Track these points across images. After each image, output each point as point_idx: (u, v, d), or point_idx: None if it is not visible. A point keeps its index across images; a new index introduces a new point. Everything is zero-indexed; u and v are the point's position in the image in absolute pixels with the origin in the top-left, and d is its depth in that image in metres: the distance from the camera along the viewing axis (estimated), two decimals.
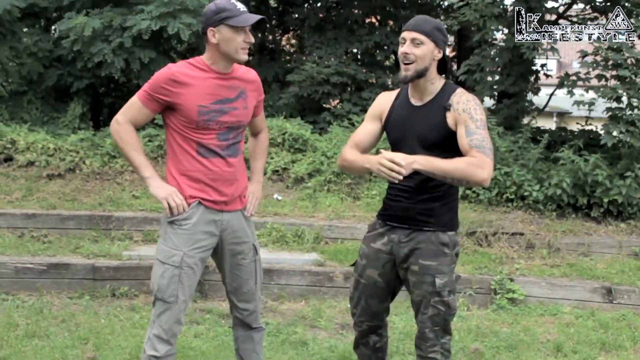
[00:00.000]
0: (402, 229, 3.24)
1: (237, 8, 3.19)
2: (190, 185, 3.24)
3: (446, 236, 3.18)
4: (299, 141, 8.53)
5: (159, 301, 3.24)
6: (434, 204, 3.17)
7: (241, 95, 3.31)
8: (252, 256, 3.45)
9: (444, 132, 3.10)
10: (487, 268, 6.35)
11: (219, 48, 3.19)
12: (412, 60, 3.09)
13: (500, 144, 7.94)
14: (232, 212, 3.34)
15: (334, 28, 11.48)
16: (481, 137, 2.99)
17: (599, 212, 7.42)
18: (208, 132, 3.21)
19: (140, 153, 3.27)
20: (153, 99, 3.20)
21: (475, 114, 3.04)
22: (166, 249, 3.24)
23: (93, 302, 5.63)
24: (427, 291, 3.17)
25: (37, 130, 8.65)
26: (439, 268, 3.15)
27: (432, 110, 3.15)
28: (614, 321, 5.63)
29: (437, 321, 3.19)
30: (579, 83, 8.84)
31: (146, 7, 8.86)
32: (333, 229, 6.91)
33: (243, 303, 3.49)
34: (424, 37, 3.08)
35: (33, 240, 6.54)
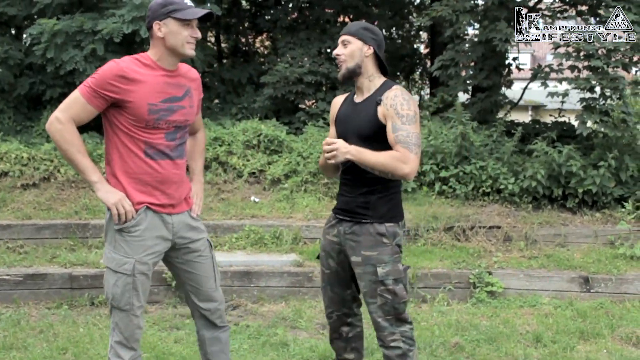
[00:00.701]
0: (345, 221, 3.42)
1: (184, 2, 3.13)
2: (138, 189, 3.13)
3: (383, 227, 3.32)
4: (275, 142, 8.52)
5: (115, 309, 3.17)
6: (372, 197, 3.34)
7: (187, 93, 3.24)
8: (209, 252, 3.39)
9: (375, 126, 3.28)
10: (466, 262, 6.38)
11: (165, 42, 3.11)
12: (343, 60, 3.33)
13: (475, 138, 7.99)
14: (179, 214, 3.28)
15: (307, 28, 11.48)
16: (406, 133, 3.19)
17: (574, 203, 7.49)
18: (157, 131, 3.12)
19: (85, 155, 3.07)
20: (99, 95, 3.03)
21: (401, 109, 3.22)
22: (117, 257, 3.13)
23: (71, 311, 5.59)
24: (371, 281, 3.31)
25: (10, 140, 8.56)
26: (379, 257, 3.29)
27: (368, 106, 3.34)
28: (592, 310, 5.69)
29: (387, 310, 3.30)
30: (552, 75, 8.92)
31: (117, 11, 8.80)
32: (311, 229, 6.91)
33: (206, 302, 3.40)
34: (350, 37, 3.33)
35: (9, 252, 6.47)
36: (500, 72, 10.13)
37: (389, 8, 12.97)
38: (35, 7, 9.46)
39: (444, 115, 9.03)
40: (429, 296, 5.99)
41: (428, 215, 7.09)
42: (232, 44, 13.20)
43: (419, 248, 6.74)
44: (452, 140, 7.86)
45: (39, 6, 9.38)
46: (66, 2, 9.42)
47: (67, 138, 3.04)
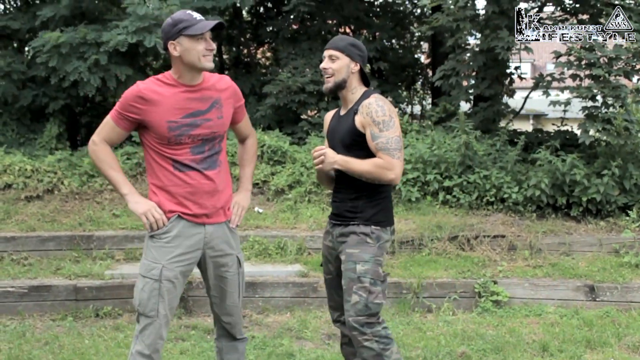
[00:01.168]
0: (337, 225, 3.58)
1: (193, 17, 3.20)
2: (169, 199, 3.25)
3: (368, 228, 3.45)
4: (278, 153, 8.53)
5: (142, 316, 3.24)
6: (359, 202, 3.49)
7: (214, 105, 3.30)
8: (236, 269, 3.44)
9: (355, 134, 3.43)
10: (470, 272, 6.37)
11: (182, 60, 3.20)
12: (331, 74, 3.47)
13: (478, 148, 7.99)
14: (215, 224, 3.33)
15: (308, 39, 11.50)
16: (385, 140, 3.35)
17: (578, 211, 7.48)
18: (181, 147, 3.21)
19: (117, 171, 3.29)
20: (124, 117, 3.22)
21: (376, 116, 3.36)
22: (146, 262, 3.25)
23: (76, 323, 5.58)
24: (350, 278, 3.39)
25: (13, 152, 8.59)
26: (360, 255, 3.41)
27: (348, 117, 3.50)
28: (598, 318, 5.67)
29: (359, 309, 3.35)
30: (554, 84, 8.93)
31: (121, 22, 8.84)
32: (315, 239, 6.90)
33: (226, 316, 3.50)
34: (338, 52, 3.46)
35: (13, 264, 6.49)
36: (502, 81, 10.14)
37: (389, 19, 13.01)
38: (37, 20, 9.49)
39: (447, 125, 9.04)
40: (434, 306, 5.98)
41: (432, 225, 7.08)
42: (234, 55, 13.23)
43: (424, 258, 6.73)
44: (456, 150, 7.86)
45: (42, 19, 9.41)
46: (69, 15, 9.46)
47: (100, 157, 3.28)
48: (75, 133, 10.93)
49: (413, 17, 14.02)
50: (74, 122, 10.92)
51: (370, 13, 12.54)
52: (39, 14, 9.53)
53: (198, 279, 5.56)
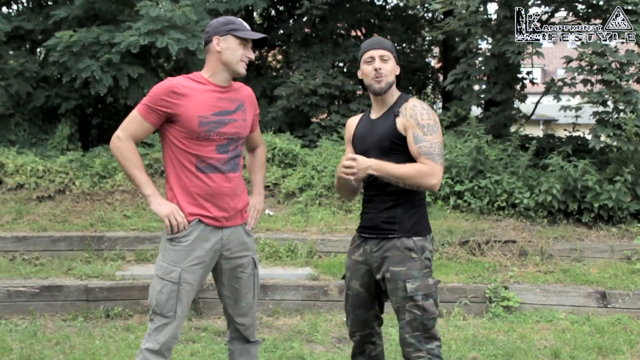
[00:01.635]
0: (371, 239, 3.37)
1: (243, 25, 3.31)
2: (190, 202, 3.26)
3: (411, 241, 3.27)
4: (289, 156, 8.54)
5: (157, 316, 3.25)
6: (397, 212, 3.30)
7: (240, 107, 3.36)
8: (252, 270, 3.46)
9: (395, 137, 3.28)
10: (481, 277, 6.36)
11: (221, 57, 3.27)
12: (385, 75, 3.32)
13: (490, 153, 7.97)
14: (233, 227, 3.36)
15: (320, 42, 11.53)
16: (429, 144, 3.20)
17: (589, 217, 7.45)
18: (208, 143, 3.23)
19: (141, 170, 3.26)
20: (153, 110, 3.21)
21: (421, 119, 3.24)
22: (165, 265, 3.25)
23: (87, 323, 5.59)
24: (401, 297, 3.25)
25: (25, 153, 8.63)
26: (408, 273, 3.24)
27: (386, 119, 3.35)
28: (610, 325, 5.64)
29: (415, 326, 3.24)
30: (564, 89, 8.90)
31: (134, 24, 8.88)
32: (326, 242, 6.91)
33: (241, 317, 3.50)
34: (389, 53, 3.36)
35: (24, 263, 6.51)
36: (514, 86, 10.13)
37: (401, 23, 13.02)
38: (51, 20, 9.54)
39: (458, 129, 9.02)
40: (444, 310, 5.96)
41: (443, 229, 7.07)
42: None
43: (435, 262, 6.65)
44: (467, 154, 7.85)
45: (55, 19, 9.47)
46: (82, 16, 9.51)
47: (124, 154, 3.23)
48: (86, 134, 10.99)
49: (424, 22, 14.03)
50: (85, 123, 10.98)
51: (381, 17, 12.56)
52: (52, 14, 9.59)
53: (209, 281, 5.55)
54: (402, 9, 13.55)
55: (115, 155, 3.27)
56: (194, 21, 9.05)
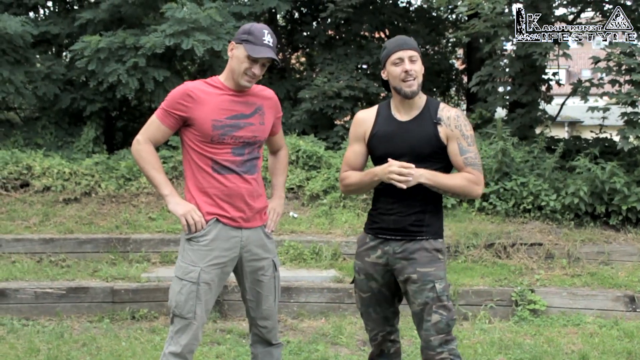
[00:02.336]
0: (395, 240, 3.33)
1: (261, 39, 3.24)
2: (207, 202, 3.27)
3: (438, 243, 3.32)
4: (313, 158, 8.53)
5: (177, 318, 3.26)
6: (425, 215, 3.31)
7: (257, 111, 3.36)
8: (272, 272, 3.46)
9: (436, 146, 3.26)
10: (507, 280, 6.30)
11: (230, 62, 3.29)
12: (416, 76, 3.25)
13: (515, 155, 7.90)
14: (251, 228, 3.36)
15: (344, 44, 11.51)
16: (474, 155, 3.27)
17: (617, 220, 7.35)
18: (223, 146, 3.25)
19: (159, 171, 3.30)
20: (170, 114, 3.26)
21: (466, 130, 3.27)
22: (184, 265, 3.27)
23: (113, 325, 5.62)
24: (429, 297, 3.24)
25: (52, 155, 8.71)
26: (436, 274, 3.26)
27: (422, 124, 3.28)
28: (639, 330, 5.56)
29: (441, 327, 3.24)
30: (591, 90, 8.80)
31: (159, 27, 8.93)
32: (350, 245, 6.88)
33: (262, 320, 3.50)
34: (417, 53, 3.29)
35: (51, 265, 6.57)
36: (539, 87, 10.04)
37: (425, 24, 12.97)
38: (77, 22, 9.63)
39: (483, 131, 8.96)
40: (470, 314, 5.92)
41: (468, 232, 7.02)
42: None
43: (460, 265, 6.67)
44: (492, 157, 7.78)
45: (81, 21, 9.55)
46: (108, 19, 9.58)
47: (143, 156, 3.29)
48: (111, 137, 11.07)
49: (448, 23, 13.96)
50: (110, 125, 11.07)
51: (406, 19, 12.51)
52: (78, 16, 9.67)
53: (233, 283, 5.57)
54: (426, 11, 13.49)
55: (134, 158, 3.34)
56: (219, 23, 9.08)
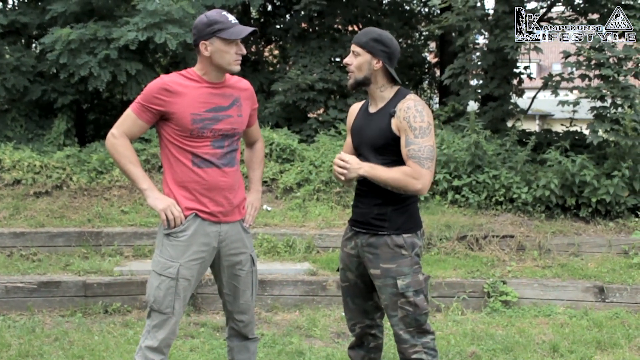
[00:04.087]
0: (362, 233, 3.36)
1: (228, 20, 3.20)
2: (186, 196, 3.24)
3: (401, 238, 3.26)
4: (287, 151, 8.52)
5: (155, 312, 3.24)
6: (387, 209, 3.28)
7: (235, 103, 3.32)
8: (250, 267, 3.45)
9: (389, 138, 3.22)
10: (480, 271, 6.36)
11: (212, 60, 3.21)
12: (351, 71, 3.28)
13: (488, 147, 7.98)
14: (230, 223, 3.34)
15: (317, 37, 11.50)
16: (417, 147, 3.13)
17: (587, 212, 7.47)
18: (202, 140, 3.21)
19: (137, 165, 3.24)
20: (147, 109, 3.19)
21: (414, 122, 3.15)
22: (162, 260, 3.24)
23: (85, 319, 5.58)
24: (391, 293, 3.25)
25: (22, 148, 8.60)
26: (398, 270, 3.23)
27: (381, 117, 3.27)
28: (608, 320, 5.66)
29: (408, 322, 3.24)
30: (562, 84, 8.91)
31: (131, 19, 8.84)
32: (324, 237, 6.90)
33: (239, 314, 3.49)
34: (359, 48, 3.25)
35: (22, 259, 6.50)
36: (511, 81, 10.13)
37: (398, 18, 13.00)
38: (48, 15, 9.51)
39: (456, 124, 9.03)
40: (443, 305, 5.97)
41: (441, 224, 7.08)
42: None
43: (433, 257, 6.72)
44: (465, 149, 7.85)
45: (52, 14, 9.42)
46: (79, 11, 9.46)
47: (119, 150, 3.22)
48: (82, 129, 10.95)
49: (421, 17, 14.02)
50: (81, 118, 10.94)
51: (378, 12, 12.52)
52: (49, 9, 9.55)
53: (207, 277, 5.56)
54: (399, 4, 13.52)
55: (110, 153, 3.27)
56: (192, 15, 9.02)
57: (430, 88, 15.65)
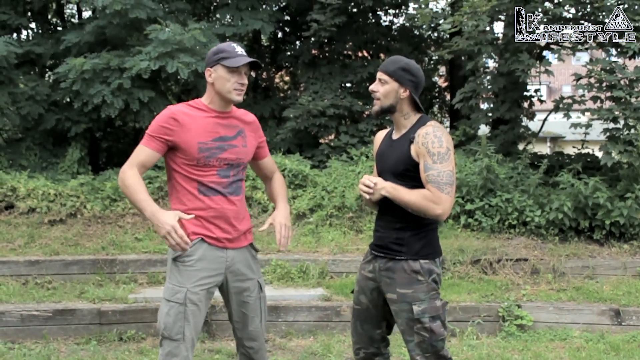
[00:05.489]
0: (380, 257, 3.37)
1: (234, 50, 3.32)
2: (193, 222, 3.27)
3: (417, 264, 3.26)
4: (299, 177, 8.56)
5: (166, 340, 3.25)
6: (406, 234, 3.29)
7: (240, 134, 3.40)
8: (257, 293, 3.46)
9: (408, 163, 3.26)
10: (494, 295, 6.34)
11: (215, 87, 3.33)
12: (378, 98, 3.34)
13: (500, 171, 7.98)
14: (237, 249, 3.37)
15: (328, 63, 11.58)
16: (437, 172, 3.16)
17: (601, 235, 7.43)
18: (208, 169, 3.28)
19: (142, 193, 3.19)
20: (156, 139, 3.26)
21: (432, 147, 3.19)
22: (170, 286, 3.27)
23: (100, 347, 5.59)
24: (407, 318, 3.25)
25: (36, 177, 8.68)
26: (414, 295, 3.23)
27: (403, 143, 3.33)
28: (625, 343, 5.61)
29: (425, 347, 3.24)
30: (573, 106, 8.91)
31: (144, 48, 8.95)
32: (337, 263, 6.90)
33: (249, 341, 3.50)
34: (387, 76, 3.31)
35: (37, 287, 6.53)
36: (521, 104, 10.14)
37: (407, 43, 13.08)
38: (62, 45, 9.64)
39: (467, 148, 9.04)
40: (458, 330, 5.94)
41: (454, 249, 7.06)
42: (252, 79, 13.34)
43: (446, 281, 6.69)
44: (477, 173, 7.85)
45: (66, 44, 9.56)
46: (92, 41, 9.60)
47: (127, 183, 3.22)
48: (96, 157, 11.05)
49: (430, 41, 14.09)
50: (94, 146, 11.05)
51: (388, 37, 12.60)
52: (63, 39, 9.69)
53: (221, 303, 5.52)
54: (409, 29, 13.60)
55: (120, 186, 3.27)
56: (203, 44, 9.12)
57: (441, 112, 15.69)
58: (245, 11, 10.72)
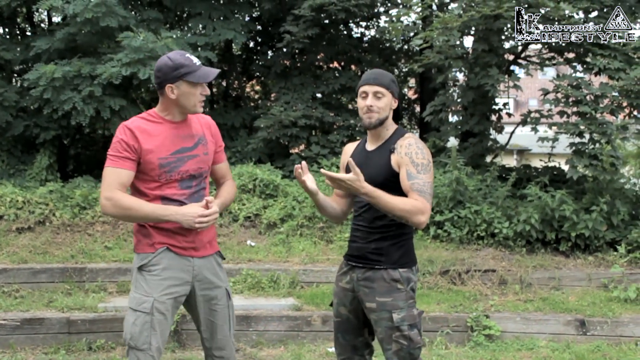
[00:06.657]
0: (358, 267, 3.41)
1: (193, 63, 3.25)
2: (159, 232, 3.25)
3: (397, 272, 3.32)
4: (270, 187, 8.58)
5: (133, 350, 3.22)
6: (384, 244, 3.35)
7: (200, 142, 3.36)
8: (226, 301, 3.46)
9: (388, 174, 3.31)
10: (462, 306, 6.41)
11: (177, 102, 3.26)
12: (376, 112, 3.36)
13: (469, 183, 8.08)
14: (203, 257, 3.36)
15: (300, 74, 11.63)
16: (422, 182, 3.24)
17: (567, 246, 7.57)
18: (170, 183, 3.24)
19: (145, 205, 3.18)
20: (123, 157, 3.19)
21: (416, 157, 3.28)
22: (137, 296, 3.23)
23: (69, 356, 5.55)
24: (387, 327, 3.29)
25: (4, 184, 8.58)
26: (394, 303, 3.28)
27: (380, 154, 3.39)
28: (590, 353, 5.72)
29: (402, 355, 3.29)
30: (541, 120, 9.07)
31: (115, 55, 8.92)
32: (308, 273, 6.93)
33: (218, 350, 3.47)
34: (383, 89, 3.36)
35: (4, 296, 6.45)
36: (490, 117, 10.29)
37: (378, 55, 13.19)
38: (32, 52, 9.56)
39: (437, 160, 9.14)
40: (427, 340, 6.00)
41: (424, 259, 7.14)
42: (223, 89, 13.34)
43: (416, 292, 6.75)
44: (447, 185, 7.95)
45: (37, 50, 9.48)
46: (63, 48, 9.53)
47: (124, 206, 3.15)
48: (64, 164, 10.94)
49: (401, 54, 14.23)
50: (63, 153, 10.94)
51: (359, 49, 12.71)
52: (33, 45, 9.60)
53: None
54: (380, 41, 13.73)
55: (115, 216, 3.22)
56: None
57: (410, 124, 15.83)
58: (217, 21, 10.74)
